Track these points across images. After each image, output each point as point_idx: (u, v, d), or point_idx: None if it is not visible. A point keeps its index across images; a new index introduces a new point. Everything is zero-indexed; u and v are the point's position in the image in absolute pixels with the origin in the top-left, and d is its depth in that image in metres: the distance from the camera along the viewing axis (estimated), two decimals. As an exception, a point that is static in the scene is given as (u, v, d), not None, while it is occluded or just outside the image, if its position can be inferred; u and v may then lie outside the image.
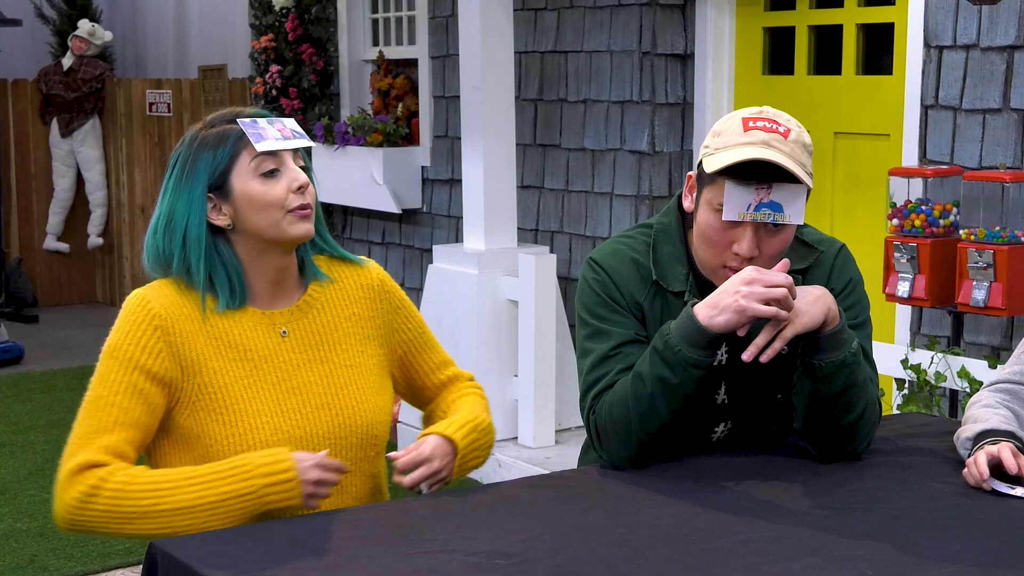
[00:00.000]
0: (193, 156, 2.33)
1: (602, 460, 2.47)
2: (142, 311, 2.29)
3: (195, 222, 2.30)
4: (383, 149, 6.90)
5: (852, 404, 2.39)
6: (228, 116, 2.38)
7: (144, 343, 2.27)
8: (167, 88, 9.05)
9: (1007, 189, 4.00)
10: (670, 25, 5.63)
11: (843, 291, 2.52)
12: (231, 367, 2.30)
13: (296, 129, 2.37)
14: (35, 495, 5.34)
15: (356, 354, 2.42)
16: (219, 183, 2.31)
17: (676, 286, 2.48)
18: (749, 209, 2.31)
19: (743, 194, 2.31)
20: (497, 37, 5.62)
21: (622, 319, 2.48)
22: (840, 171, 5.14)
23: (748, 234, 2.34)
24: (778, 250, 2.38)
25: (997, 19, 4.36)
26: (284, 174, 2.32)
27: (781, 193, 2.31)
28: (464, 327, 5.57)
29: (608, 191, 5.87)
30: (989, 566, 1.94)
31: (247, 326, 2.33)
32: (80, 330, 8.86)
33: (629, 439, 2.39)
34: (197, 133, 2.37)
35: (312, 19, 7.54)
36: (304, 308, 2.40)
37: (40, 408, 6.74)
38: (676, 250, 2.51)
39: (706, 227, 2.40)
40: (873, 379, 2.49)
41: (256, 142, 2.30)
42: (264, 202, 2.30)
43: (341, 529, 2.12)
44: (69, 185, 9.56)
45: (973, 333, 4.42)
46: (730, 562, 1.96)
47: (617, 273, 2.50)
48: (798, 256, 2.51)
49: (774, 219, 2.32)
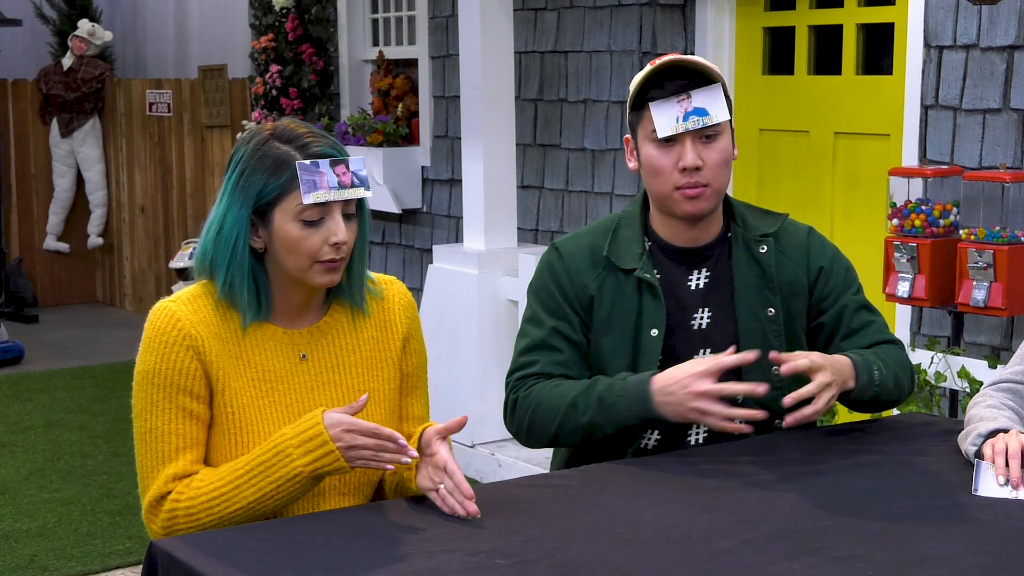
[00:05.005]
0: (251, 169, 2.26)
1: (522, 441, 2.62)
2: (173, 331, 2.27)
3: (241, 242, 2.27)
4: (383, 149, 6.90)
5: (882, 395, 2.57)
6: (298, 140, 2.27)
7: (181, 366, 2.26)
8: (167, 88, 9.05)
9: (1007, 189, 4.00)
10: (670, 25, 5.63)
11: (832, 265, 2.66)
12: (249, 387, 2.29)
13: (359, 174, 2.27)
14: (35, 495, 5.34)
15: (371, 379, 2.40)
16: (264, 209, 2.27)
17: (628, 264, 2.58)
18: (679, 121, 2.47)
19: (668, 109, 2.48)
20: (497, 37, 5.63)
21: (562, 310, 2.59)
22: (840, 171, 5.14)
23: (688, 146, 2.49)
24: (719, 159, 2.51)
25: (997, 19, 4.36)
26: (326, 224, 2.25)
27: (701, 97, 2.48)
28: (464, 327, 5.57)
29: (608, 191, 5.88)
30: (989, 566, 1.94)
31: (268, 346, 2.32)
32: (80, 330, 8.86)
33: (545, 440, 2.56)
34: (264, 140, 2.28)
35: (312, 19, 7.54)
36: (324, 329, 2.37)
37: (40, 408, 6.74)
38: (635, 233, 2.62)
39: (650, 160, 2.53)
40: (884, 350, 2.62)
41: (306, 191, 2.22)
42: (297, 249, 2.26)
43: (341, 529, 2.12)
44: (69, 185, 9.56)
45: (973, 333, 4.42)
46: (730, 562, 1.96)
47: (571, 257, 2.62)
48: (765, 222, 2.65)
49: (703, 122, 2.47)
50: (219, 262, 2.29)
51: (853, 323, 2.64)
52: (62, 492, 5.38)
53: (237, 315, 2.31)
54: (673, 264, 2.60)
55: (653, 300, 2.56)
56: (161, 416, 2.27)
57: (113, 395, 6.84)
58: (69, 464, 5.77)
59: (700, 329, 2.59)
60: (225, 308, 2.31)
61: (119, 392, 6.86)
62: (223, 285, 2.29)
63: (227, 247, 2.27)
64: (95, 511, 5.14)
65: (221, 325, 2.30)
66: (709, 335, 2.59)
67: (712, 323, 2.59)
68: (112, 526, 4.97)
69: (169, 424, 2.26)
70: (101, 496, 5.31)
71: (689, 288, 2.60)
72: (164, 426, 2.26)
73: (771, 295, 2.60)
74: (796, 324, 2.63)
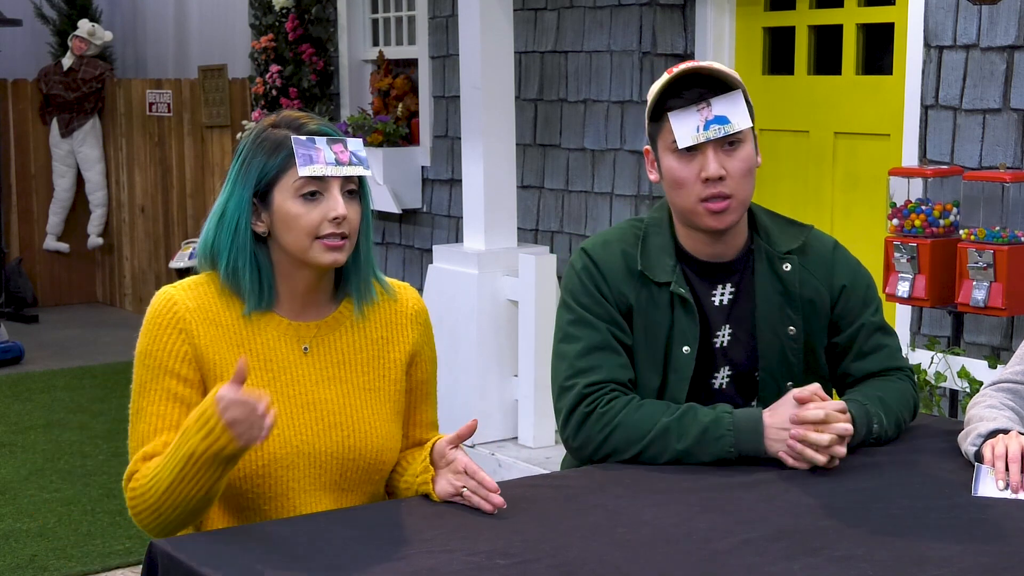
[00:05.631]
0: (251, 155, 2.29)
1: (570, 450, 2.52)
2: (168, 313, 2.28)
3: (243, 225, 2.28)
4: (383, 149, 6.90)
5: (880, 440, 2.52)
6: (295, 122, 2.31)
7: (170, 348, 2.27)
8: (167, 88, 9.05)
9: (1007, 189, 4.00)
10: (670, 25, 5.63)
11: (853, 284, 2.61)
12: (249, 376, 2.27)
13: (357, 154, 2.28)
14: (35, 495, 5.34)
15: (377, 378, 2.39)
16: (264, 191, 2.28)
17: (661, 276, 2.51)
18: (699, 131, 2.40)
19: (688, 119, 2.41)
20: (497, 37, 5.62)
21: (609, 314, 2.51)
22: (840, 171, 5.14)
23: (710, 155, 2.42)
24: (743, 168, 2.44)
25: (997, 19, 4.36)
26: (325, 200, 2.26)
27: (721, 105, 2.40)
28: (464, 327, 5.57)
29: (608, 191, 5.88)
30: (989, 566, 1.94)
31: (271, 335, 2.32)
32: (80, 330, 8.86)
33: (617, 457, 2.44)
34: (264, 128, 2.32)
35: (312, 19, 7.54)
36: (332, 324, 2.37)
37: (40, 408, 6.74)
38: (665, 242, 2.54)
39: (671, 171, 2.46)
40: (894, 392, 2.59)
41: (302, 164, 2.24)
42: (297, 225, 2.26)
43: (341, 529, 2.12)
44: (69, 185, 9.56)
45: (973, 333, 4.42)
46: (730, 562, 1.96)
47: (606, 264, 2.53)
48: (789, 235, 2.59)
49: (725, 131, 2.40)
50: (222, 246, 2.29)
51: (866, 346, 2.61)
52: (62, 492, 5.38)
53: (240, 303, 2.30)
54: (699, 278, 2.54)
55: (686, 315, 2.50)
56: (147, 397, 2.27)
57: (113, 395, 6.84)
58: (69, 464, 5.77)
59: (722, 347, 2.55)
60: (228, 296, 2.31)
61: (119, 392, 6.86)
62: (226, 270, 2.29)
63: (229, 231, 2.28)
64: (95, 511, 5.14)
65: (222, 312, 2.30)
66: (729, 352, 2.56)
67: (732, 340, 2.55)
68: (112, 526, 4.97)
69: (152, 405, 2.27)
70: (101, 496, 5.31)
71: (714, 304, 2.55)
72: (148, 407, 2.27)
73: (793, 313, 2.54)
74: (814, 340, 2.58)
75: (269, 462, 2.28)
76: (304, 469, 2.30)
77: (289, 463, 2.29)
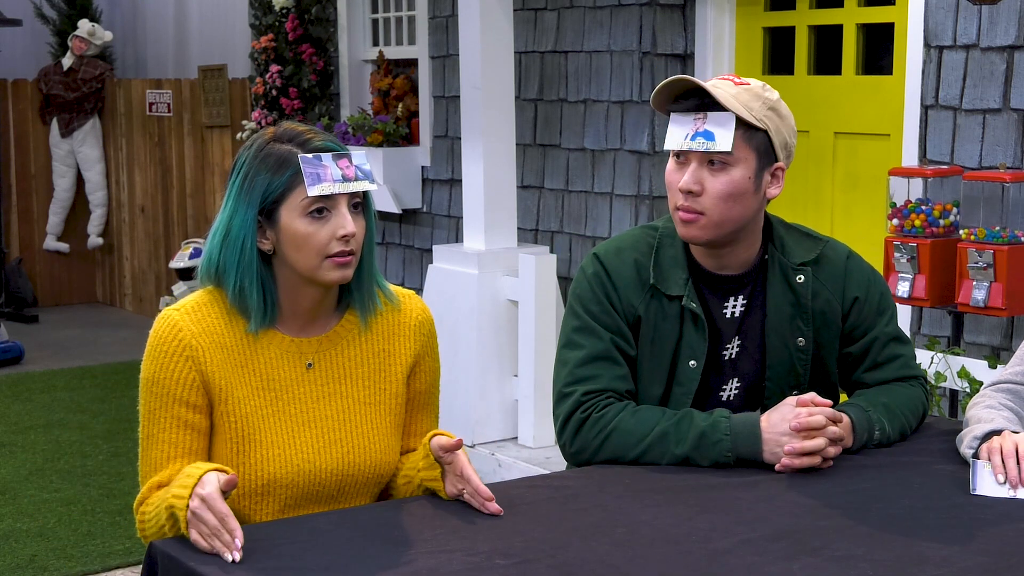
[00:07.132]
0: (254, 171, 2.26)
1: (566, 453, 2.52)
2: (173, 341, 2.26)
3: (249, 244, 2.26)
4: (383, 149, 6.90)
5: (882, 445, 2.52)
6: (298, 137, 2.28)
7: (178, 376, 2.26)
8: (167, 88, 9.05)
9: (1007, 189, 4.00)
10: (670, 25, 5.63)
11: (867, 294, 2.60)
12: (253, 396, 2.28)
13: (362, 168, 2.27)
14: (35, 495, 5.34)
15: (378, 391, 2.38)
16: (269, 209, 2.26)
17: (674, 290, 2.50)
18: (686, 139, 2.43)
19: (683, 125, 2.44)
20: (497, 37, 5.62)
21: (615, 323, 2.50)
22: (840, 171, 5.14)
23: (691, 167, 2.44)
24: (723, 191, 2.43)
25: (997, 19, 4.36)
26: (333, 218, 2.24)
27: (713, 122, 2.42)
28: (464, 327, 5.57)
29: (608, 191, 5.88)
30: (989, 566, 1.94)
31: (274, 354, 2.31)
32: (80, 330, 8.86)
33: (607, 457, 2.45)
34: (265, 143, 2.28)
35: (312, 19, 7.54)
36: (334, 339, 2.36)
37: (40, 408, 6.74)
38: (678, 254, 2.53)
39: (666, 171, 2.50)
40: (904, 396, 2.59)
41: (310, 184, 2.21)
42: (306, 244, 2.24)
43: (341, 529, 2.12)
44: (69, 185, 9.56)
45: (973, 333, 4.42)
46: (730, 562, 1.96)
47: (617, 273, 2.52)
48: (804, 248, 2.58)
49: (706, 147, 2.41)
50: (228, 266, 2.27)
51: (880, 356, 2.61)
52: (62, 492, 5.38)
53: (243, 322, 2.29)
54: (710, 292, 2.53)
55: (695, 330, 2.49)
56: (157, 424, 2.27)
57: (113, 395, 6.83)
58: (69, 464, 5.77)
59: (731, 359, 2.54)
60: (231, 316, 2.29)
61: (119, 392, 6.87)
62: (233, 290, 2.27)
63: (235, 250, 2.26)
64: (95, 511, 5.14)
65: (225, 333, 2.29)
66: (738, 364, 2.55)
67: (741, 352, 2.55)
68: (112, 526, 4.97)
69: (163, 432, 2.26)
70: (101, 496, 5.31)
71: (724, 316, 2.54)
72: (159, 434, 2.27)
73: (803, 325, 2.54)
74: (824, 352, 2.57)
75: (269, 482, 2.28)
76: (303, 487, 2.31)
77: (289, 482, 2.29)
